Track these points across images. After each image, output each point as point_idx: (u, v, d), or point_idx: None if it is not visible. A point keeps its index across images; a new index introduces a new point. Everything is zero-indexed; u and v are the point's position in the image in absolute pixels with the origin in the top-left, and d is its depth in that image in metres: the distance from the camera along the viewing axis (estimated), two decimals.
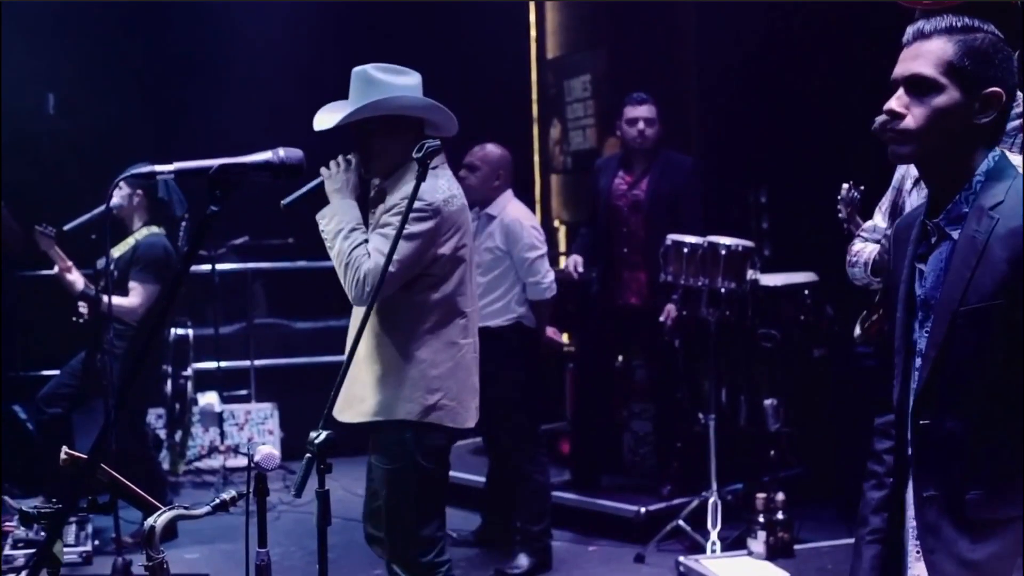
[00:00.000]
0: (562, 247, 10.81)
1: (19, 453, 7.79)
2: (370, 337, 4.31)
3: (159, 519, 3.08)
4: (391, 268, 4.03)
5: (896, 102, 2.66)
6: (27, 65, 8.72)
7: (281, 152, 2.68)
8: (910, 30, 2.69)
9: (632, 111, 7.02)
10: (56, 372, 7.16)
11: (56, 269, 6.62)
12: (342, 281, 4.21)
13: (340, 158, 4.29)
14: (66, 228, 6.40)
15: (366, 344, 4.30)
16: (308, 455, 3.39)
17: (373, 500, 4.54)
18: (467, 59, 9.93)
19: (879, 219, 4.17)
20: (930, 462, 2.66)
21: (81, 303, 6.65)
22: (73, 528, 6.74)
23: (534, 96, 11.00)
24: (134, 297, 6.63)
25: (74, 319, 6.70)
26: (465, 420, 4.45)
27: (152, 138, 8.73)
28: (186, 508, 3.17)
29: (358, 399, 4.37)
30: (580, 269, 7.13)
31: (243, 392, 9.08)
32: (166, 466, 7.94)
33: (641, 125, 7.00)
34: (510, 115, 10.55)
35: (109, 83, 9.14)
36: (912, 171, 3.84)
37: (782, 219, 7.79)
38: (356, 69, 4.35)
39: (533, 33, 10.92)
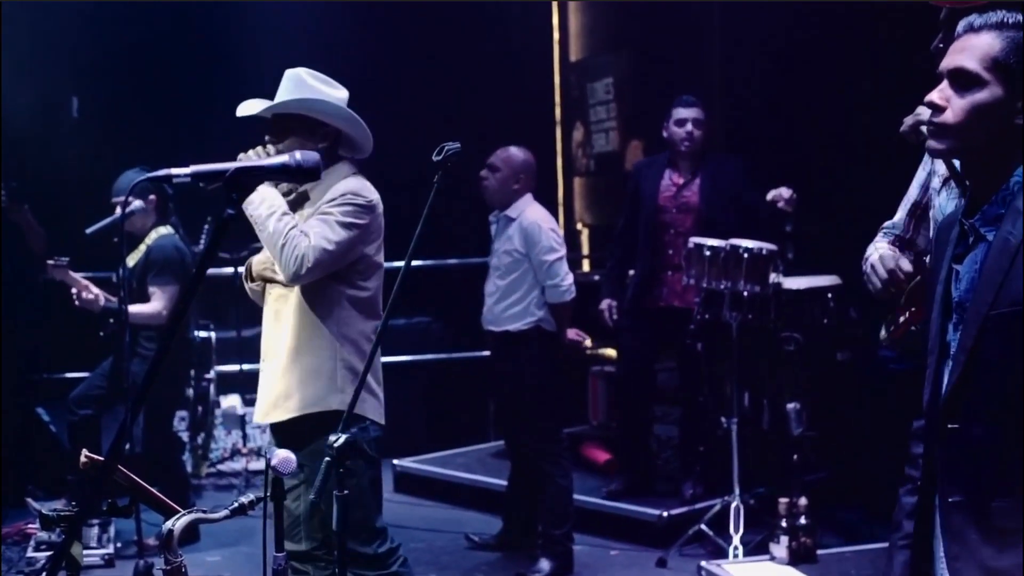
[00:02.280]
0: (585, 250, 10.81)
1: (43, 455, 7.83)
2: (298, 332, 4.37)
3: (177, 522, 3.07)
4: (327, 247, 4.21)
5: (937, 94, 2.63)
6: (52, 68, 8.76)
7: (298, 155, 2.67)
8: (961, 24, 2.65)
9: (681, 112, 7.01)
10: (80, 375, 7.17)
11: (74, 292, 6.64)
12: (277, 260, 4.27)
13: (260, 148, 4.35)
14: (88, 231, 6.41)
15: (293, 340, 4.37)
16: (327, 458, 3.40)
17: (292, 511, 4.45)
18: (490, 61, 9.95)
19: (899, 216, 4.13)
20: (957, 467, 2.62)
21: (110, 318, 6.67)
22: (95, 531, 6.77)
23: (557, 99, 11.00)
24: (155, 302, 6.66)
25: (101, 334, 6.73)
26: (382, 416, 4.48)
27: (176, 141, 8.75)
28: (205, 511, 3.17)
29: (283, 397, 4.42)
30: (615, 317, 7.19)
31: None
32: (189, 468, 7.94)
33: (690, 126, 6.98)
34: (533, 118, 10.55)
35: (133, 86, 9.17)
36: (940, 168, 3.79)
37: (806, 222, 7.74)
38: (290, 71, 4.44)
39: (556, 36, 10.91)
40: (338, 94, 4.44)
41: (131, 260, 6.81)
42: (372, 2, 9.69)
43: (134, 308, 6.59)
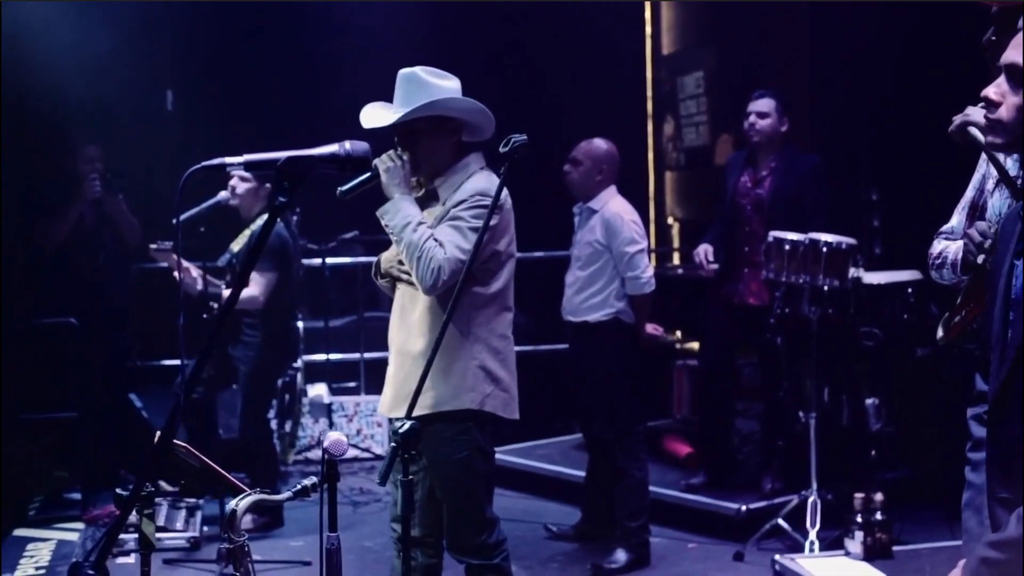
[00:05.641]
0: (676, 243, 10.80)
1: (135, 440, 8.00)
2: (428, 331, 4.35)
3: (240, 503, 3.17)
4: (462, 257, 4.16)
5: (994, 89, 2.55)
6: (147, 62, 8.94)
7: (347, 145, 2.73)
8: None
9: (749, 106, 7.02)
10: (172, 362, 7.31)
11: (177, 276, 6.77)
12: (413, 272, 4.27)
13: (393, 153, 4.34)
14: (175, 221, 6.53)
15: (424, 338, 4.36)
16: (393, 444, 3.48)
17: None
18: (583, 56, 9.99)
19: (956, 220, 4.11)
20: (1003, 463, 2.58)
21: (212, 302, 6.75)
22: (183, 513, 6.92)
23: (649, 93, 11.00)
24: (254, 287, 6.73)
25: (204, 316, 6.81)
26: (514, 411, 4.53)
27: (269, 133, 8.87)
28: (268, 493, 3.25)
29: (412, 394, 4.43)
30: (710, 258, 7.01)
31: (352, 384, 9.22)
32: None
33: (752, 118, 6.97)
34: (625, 111, 10.56)
35: (227, 79, 9.33)
36: (993, 171, 3.77)
37: (893, 217, 7.69)
38: (404, 71, 4.41)
39: (648, 29, 10.91)
40: (454, 84, 4.43)
41: (236, 245, 6.95)
42: (469, 1, 9.73)
43: (229, 292, 6.69)
